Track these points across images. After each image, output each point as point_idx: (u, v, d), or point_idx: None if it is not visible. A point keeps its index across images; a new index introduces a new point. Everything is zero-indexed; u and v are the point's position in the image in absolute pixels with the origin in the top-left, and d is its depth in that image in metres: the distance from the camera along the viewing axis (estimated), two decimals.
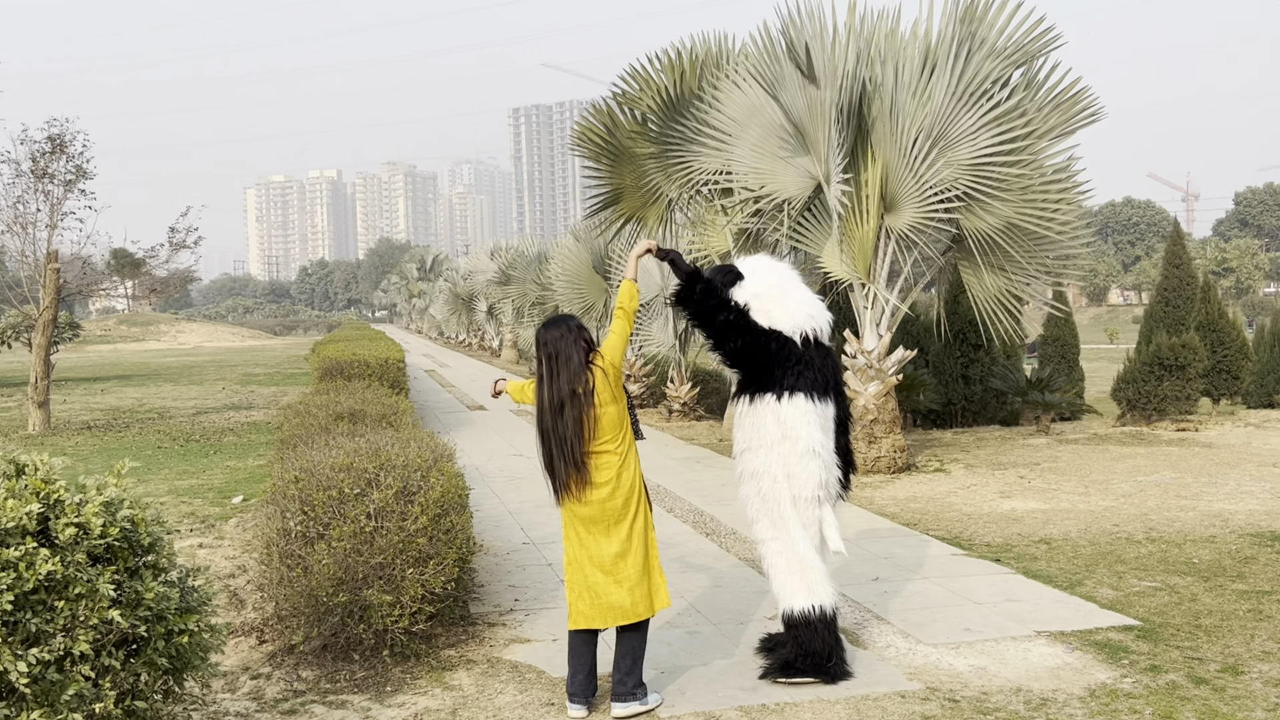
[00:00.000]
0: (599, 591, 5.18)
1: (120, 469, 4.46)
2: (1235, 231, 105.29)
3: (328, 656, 6.01)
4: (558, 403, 5.15)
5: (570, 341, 5.20)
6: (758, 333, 5.66)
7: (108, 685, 3.92)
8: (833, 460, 5.70)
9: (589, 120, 14.91)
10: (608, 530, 5.21)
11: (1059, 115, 10.81)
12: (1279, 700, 5.16)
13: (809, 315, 5.71)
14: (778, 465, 5.54)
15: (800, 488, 5.57)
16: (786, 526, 5.54)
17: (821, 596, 5.52)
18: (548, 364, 5.20)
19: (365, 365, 15.68)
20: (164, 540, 4.46)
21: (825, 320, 5.78)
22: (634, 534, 5.23)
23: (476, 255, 46.24)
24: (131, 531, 4.27)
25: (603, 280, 20.87)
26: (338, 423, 9.69)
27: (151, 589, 4.15)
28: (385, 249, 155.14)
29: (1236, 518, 9.15)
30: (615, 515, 5.21)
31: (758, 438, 5.61)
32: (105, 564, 4.12)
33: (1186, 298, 20.03)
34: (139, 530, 4.29)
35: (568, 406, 5.14)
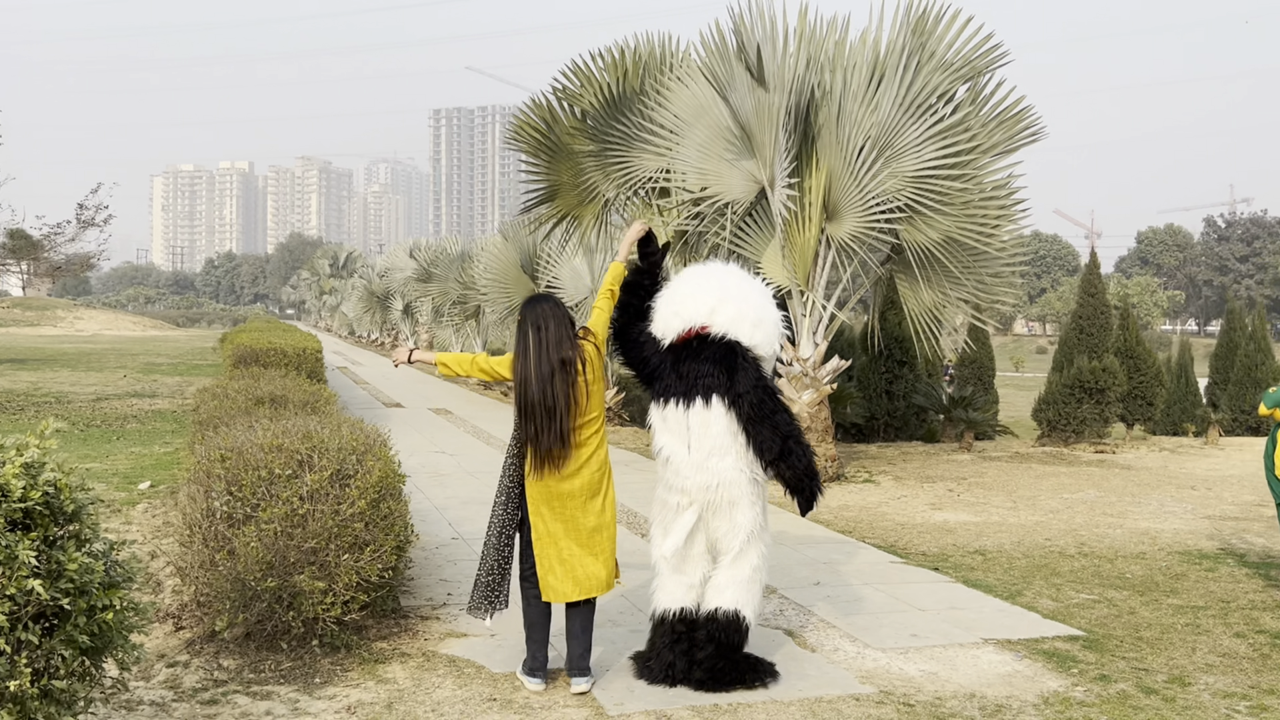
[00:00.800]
0: (574, 564, 5.19)
1: (44, 429, 4.09)
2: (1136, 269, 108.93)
3: (251, 645, 5.66)
4: (547, 372, 5.09)
5: (558, 316, 5.21)
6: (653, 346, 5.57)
7: (23, 661, 3.56)
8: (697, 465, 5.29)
9: (527, 114, 14.62)
10: (585, 505, 5.22)
11: (1003, 132, 10.90)
12: (1229, 711, 5.14)
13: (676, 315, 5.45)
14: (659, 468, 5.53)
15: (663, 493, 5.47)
16: (653, 528, 5.58)
17: (659, 599, 5.43)
18: (535, 335, 5.14)
19: (282, 354, 15.15)
20: (88, 509, 4.10)
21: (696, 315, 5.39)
22: (607, 508, 5.30)
23: (395, 253, 45.42)
24: (54, 497, 3.90)
25: (530, 281, 20.56)
26: (259, 407, 9.27)
27: (75, 560, 3.80)
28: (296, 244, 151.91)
29: (1163, 536, 9.26)
30: (594, 489, 5.25)
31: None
32: (24, 531, 3.77)
33: (1101, 325, 20.50)
34: (62, 496, 3.93)
35: (557, 377, 5.10)
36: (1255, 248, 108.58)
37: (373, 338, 54.76)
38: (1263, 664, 5.86)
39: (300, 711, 4.94)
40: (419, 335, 40.95)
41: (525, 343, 5.17)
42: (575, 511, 5.20)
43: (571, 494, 5.18)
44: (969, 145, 10.77)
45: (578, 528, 5.21)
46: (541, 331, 5.15)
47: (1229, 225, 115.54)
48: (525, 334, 5.19)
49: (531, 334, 5.15)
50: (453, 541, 8.53)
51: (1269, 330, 22.77)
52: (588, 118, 13.96)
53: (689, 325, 5.37)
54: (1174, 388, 20.54)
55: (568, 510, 5.19)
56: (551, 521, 5.20)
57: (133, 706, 4.93)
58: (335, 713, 4.92)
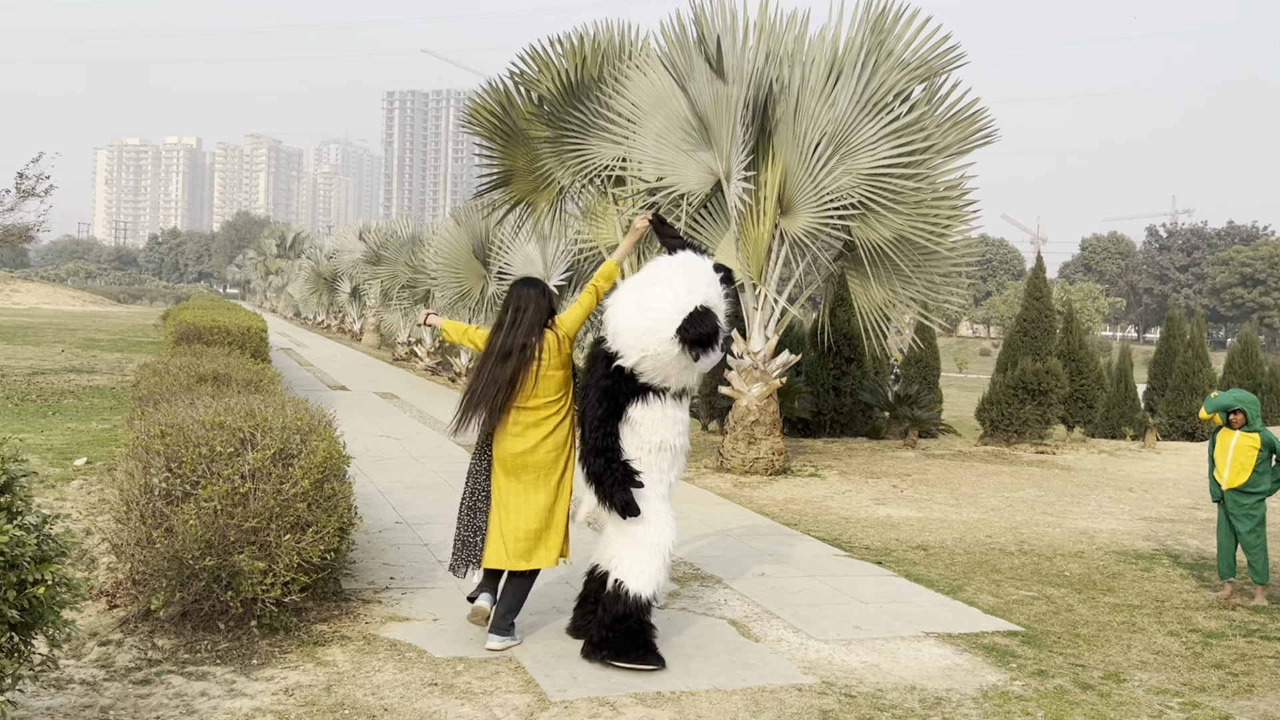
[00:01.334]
0: (518, 536, 5.47)
1: None
2: (1080, 275, 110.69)
3: (187, 625, 5.55)
4: (505, 350, 5.44)
5: (537, 302, 5.53)
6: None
7: None
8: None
9: (484, 98, 14.49)
10: (537, 482, 5.51)
11: (957, 133, 10.99)
12: (1162, 708, 5.22)
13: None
14: None
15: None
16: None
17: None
18: (511, 314, 5.49)
19: (225, 332, 14.91)
20: (21, 482, 3.99)
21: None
22: (561, 487, 5.58)
23: (344, 235, 44.82)
24: None
25: (482, 266, 20.41)
26: (201, 384, 9.11)
27: (5, 532, 3.70)
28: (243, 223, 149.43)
29: (1100, 536, 9.41)
30: (545, 468, 5.53)
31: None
32: None
33: (1045, 329, 20.79)
34: None
35: (513, 357, 5.43)
36: (1195, 258, 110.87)
37: (319, 320, 54.07)
38: (1195, 662, 5.97)
39: (236, 693, 4.85)
40: (366, 319, 40.51)
41: (502, 318, 5.53)
42: (529, 488, 5.50)
43: (526, 467, 5.48)
44: (924, 145, 10.85)
45: (529, 504, 5.48)
46: (519, 313, 5.49)
47: (1170, 235, 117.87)
48: (505, 310, 5.54)
49: (510, 313, 5.50)
50: (396, 526, 8.44)
51: (1206, 339, 23.23)
52: (545, 103, 13.87)
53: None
54: (1114, 392, 20.92)
55: (521, 484, 5.49)
56: (503, 493, 5.51)
57: (62, 685, 4.82)
58: (272, 694, 4.84)
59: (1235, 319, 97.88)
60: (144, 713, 4.59)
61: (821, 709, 4.99)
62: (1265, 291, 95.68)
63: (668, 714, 4.85)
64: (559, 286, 18.22)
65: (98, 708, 4.62)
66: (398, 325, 31.56)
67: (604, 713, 4.82)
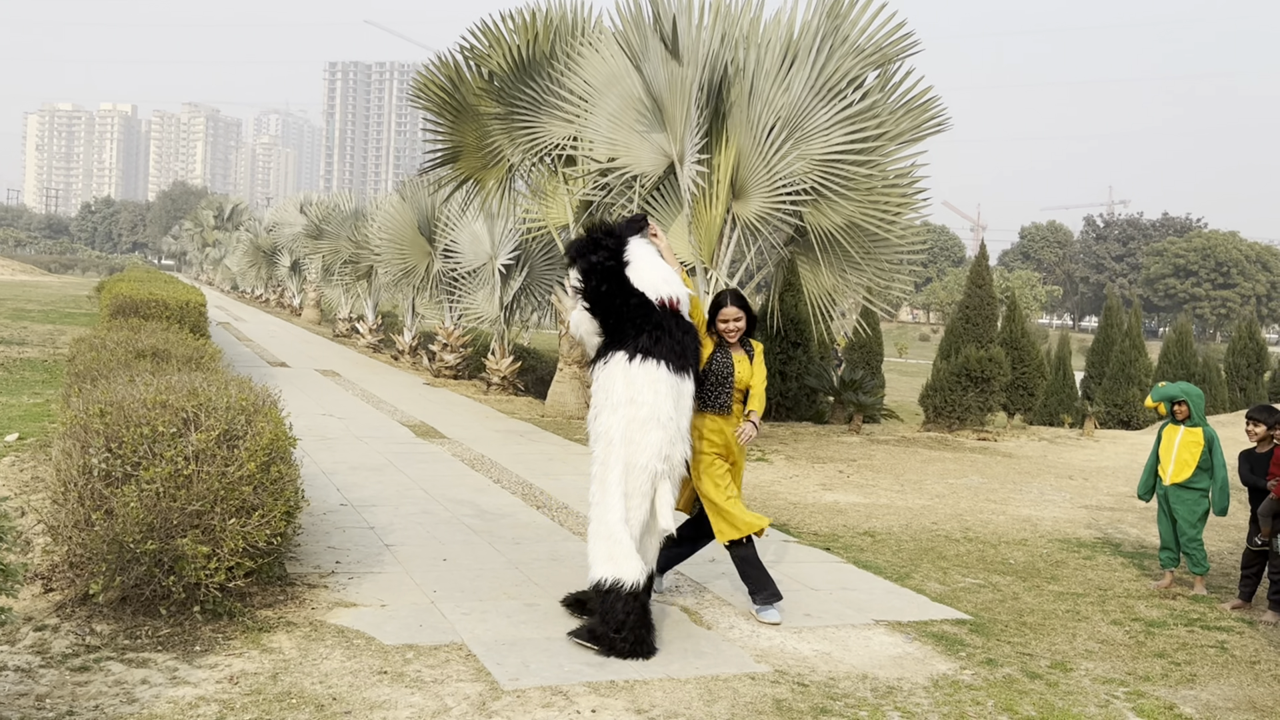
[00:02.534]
0: None
1: None
2: (1018, 263, 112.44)
3: (127, 610, 5.39)
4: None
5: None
6: (627, 287, 5.50)
7: None
8: (681, 436, 5.56)
9: (433, 72, 14.27)
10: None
11: (910, 120, 11.02)
12: (1108, 697, 5.29)
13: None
14: (618, 429, 5.40)
15: (637, 455, 5.42)
16: (607, 493, 5.42)
17: (623, 570, 5.37)
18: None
19: (163, 306, 14.53)
20: None
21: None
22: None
23: (284, 207, 44.00)
24: None
25: (427, 244, 20.14)
26: (139, 360, 8.86)
27: None
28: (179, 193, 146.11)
29: (1044, 523, 9.53)
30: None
31: (606, 399, 5.50)
32: None
33: (986, 316, 21.04)
34: None
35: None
36: (1130, 248, 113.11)
37: (257, 294, 53.14)
38: (1138, 650, 6.06)
39: (179, 680, 4.72)
40: (306, 293, 39.89)
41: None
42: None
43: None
44: (877, 131, 10.87)
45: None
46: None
47: (1107, 225, 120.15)
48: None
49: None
50: (341, 508, 8.29)
51: (1143, 328, 23.69)
52: (495, 79, 13.69)
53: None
54: (1053, 380, 21.25)
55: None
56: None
57: None
58: (216, 682, 4.72)
59: (1168, 309, 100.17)
60: (82, 701, 4.45)
61: (775, 698, 4.98)
62: (1197, 283, 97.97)
63: (621, 703, 4.80)
64: (506, 266, 18.04)
65: (33, 696, 4.47)
66: (339, 301, 31.11)
67: (557, 701, 4.76)
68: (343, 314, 30.75)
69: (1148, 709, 5.15)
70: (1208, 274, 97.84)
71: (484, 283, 18.39)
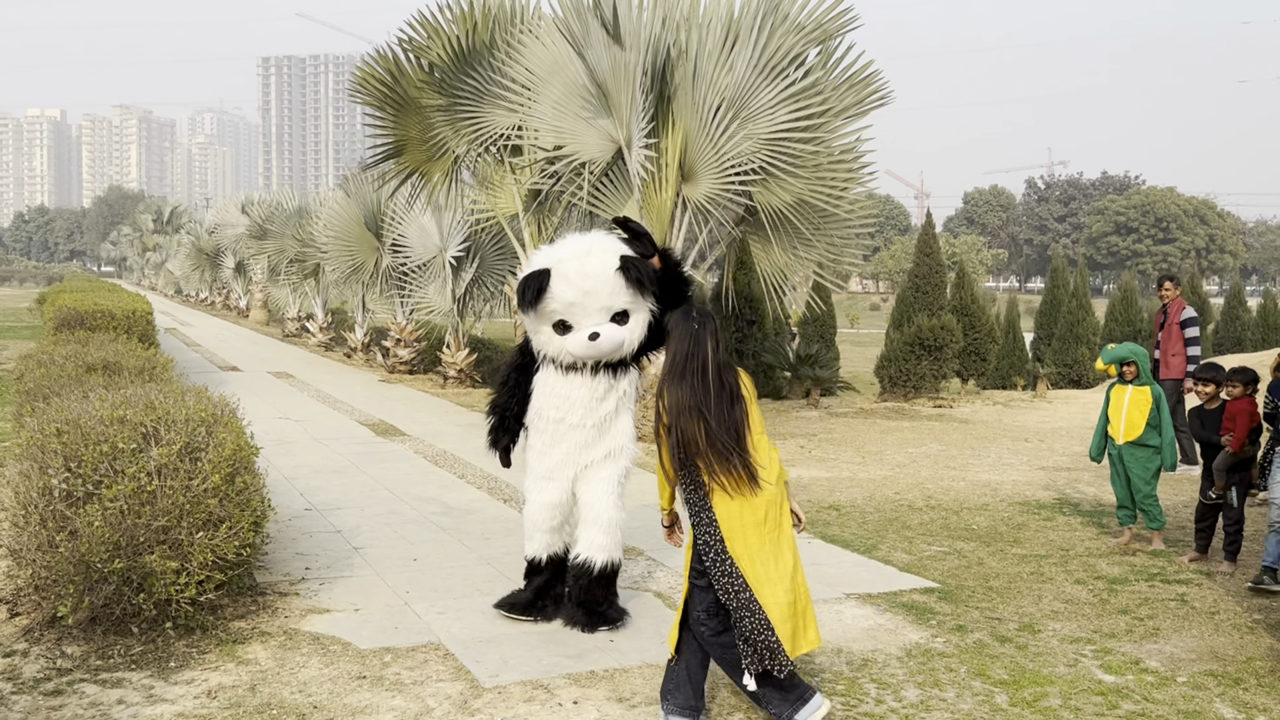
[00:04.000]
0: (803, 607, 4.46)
1: None
2: (963, 229, 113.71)
3: (97, 630, 5.33)
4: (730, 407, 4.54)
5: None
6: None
7: None
8: None
9: (372, 66, 14.11)
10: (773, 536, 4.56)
11: (853, 95, 11.09)
12: (1077, 656, 5.41)
13: None
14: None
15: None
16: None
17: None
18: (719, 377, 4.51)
19: (110, 316, 14.31)
20: None
21: None
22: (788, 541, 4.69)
23: (225, 208, 43.35)
24: None
25: (375, 239, 19.96)
26: (90, 375, 8.74)
27: None
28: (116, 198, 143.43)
29: (1003, 488, 9.70)
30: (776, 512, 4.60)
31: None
32: None
33: (936, 285, 21.29)
34: None
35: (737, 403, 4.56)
36: (1072, 208, 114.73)
37: (202, 297, 52.37)
38: (1102, 609, 6.20)
39: (156, 698, 4.68)
40: (253, 294, 39.38)
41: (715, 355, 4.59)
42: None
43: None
44: (821, 109, 10.93)
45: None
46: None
47: (1048, 187, 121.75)
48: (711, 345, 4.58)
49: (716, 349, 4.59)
50: (306, 513, 8.24)
51: (1089, 287, 24.11)
52: (436, 71, 13.57)
53: None
54: (1004, 344, 21.55)
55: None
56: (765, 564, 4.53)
57: None
58: (195, 698, 4.69)
59: (1111, 266, 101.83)
60: None
61: None
62: (1138, 239, 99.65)
63: (602, 692, 4.84)
64: (456, 258, 17.94)
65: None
66: (287, 301, 30.74)
67: (538, 695, 4.79)
68: (291, 314, 30.39)
69: (1114, 665, 5.28)
70: (1148, 230, 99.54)
71: (435, 276, 18.28)
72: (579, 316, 5.45)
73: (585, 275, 5.40)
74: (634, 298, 5.47)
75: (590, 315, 5.45)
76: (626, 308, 5.48)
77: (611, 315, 5.48)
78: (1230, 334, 25.70)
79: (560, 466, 5.67)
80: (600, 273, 5.40)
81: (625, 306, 5.47)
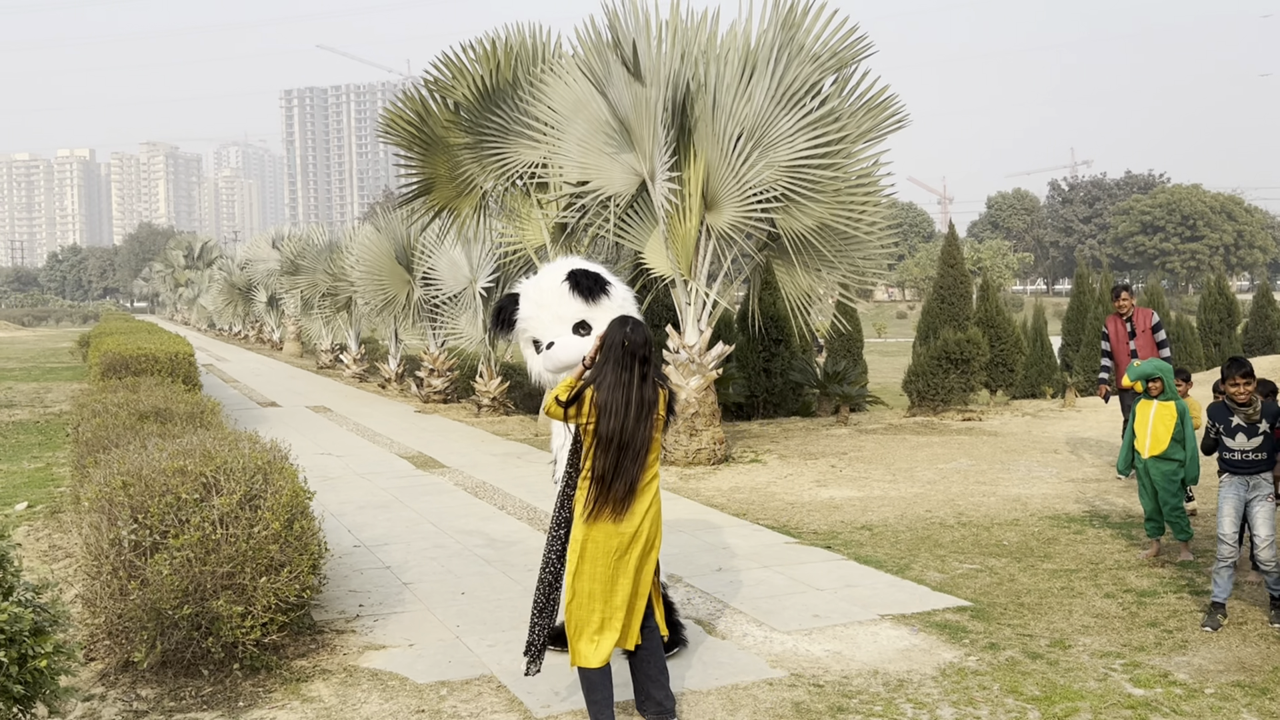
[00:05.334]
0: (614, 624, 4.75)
1: None
2: (988, 233, 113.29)
3: (169, 673, 5.63)
4: (645, 414, 4.71)
5: (651, 350, 4.85)
6: None
7: None
8: None
9: (399, 108, 14.50)
10: (627, 565, 4.75)
11: (870, 120, 11.32)
12: (1107, 670, 5.59)
13: None
14: None
15: None
16: None
17: None
18: (639, 369, 4.73)
19: (154, 360, 14.71)
20: (10, 556, 4.06)
21: None
22: (645, 570, 4.82)
23: (256, 243, 44.08)
24: None
25: (405, 272, 20.35)
26: (144, 422, 9.07)
27: (4, 610, 3.78)
28: (146, 235, 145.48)
29: (1033, 501, 9.86)
30: (645, 546, 4.78)
31: None
32: None
33: (961, 295, 21.43)
34: None
35: (648, 414, 4.73)
36: (1096, 209, 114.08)
37: (235, 330, 53.13)
38: (1132, 622, 6.37)
39: None
40: (286, 327, 39.96)
41: (628, 371, 4.74)
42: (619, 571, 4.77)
43: (623, 549, 4.76)
44: (839, 135, 11.17)
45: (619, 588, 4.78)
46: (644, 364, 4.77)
47: (1072, 188, 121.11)
48: (623, 358, 4.74)
49: (634, 364, 4.74)
50: (355, 550, 8.52)
51: None
52: (461, 110, 13.94)
53: None
54: (1031, 352, 21.60)
55: (610, 569, 4.75)
56: (594, 580, 4.75)
57: None
58: None
59: (1139, 266, 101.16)
60: None
61: (794, 701, 5.26)
62: (1165, 238, 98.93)
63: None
64: (486, 288, 18.28)
65: None
66: (320, 333, 31.21)
67: None
68: (325, 346, 30.87)
69: (1144, 679, 5.46)
70: (1175, 228, 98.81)
71: (466, 306, 18.61)
72: (540, 330, 5.78)
73: (539, 289, 5.82)
74: (586, 307, 5.70)
75: (548, 327, 5.74)
76: (582, 317, 5.70)
77: (573, 327, 5.71)
78: (1260, 333, 25.59)
79: None
80: (550, 285, 5.79)
81: (580, 316, 5.70)
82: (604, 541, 4.72)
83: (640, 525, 4.76)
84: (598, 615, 4.74)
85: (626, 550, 4.74)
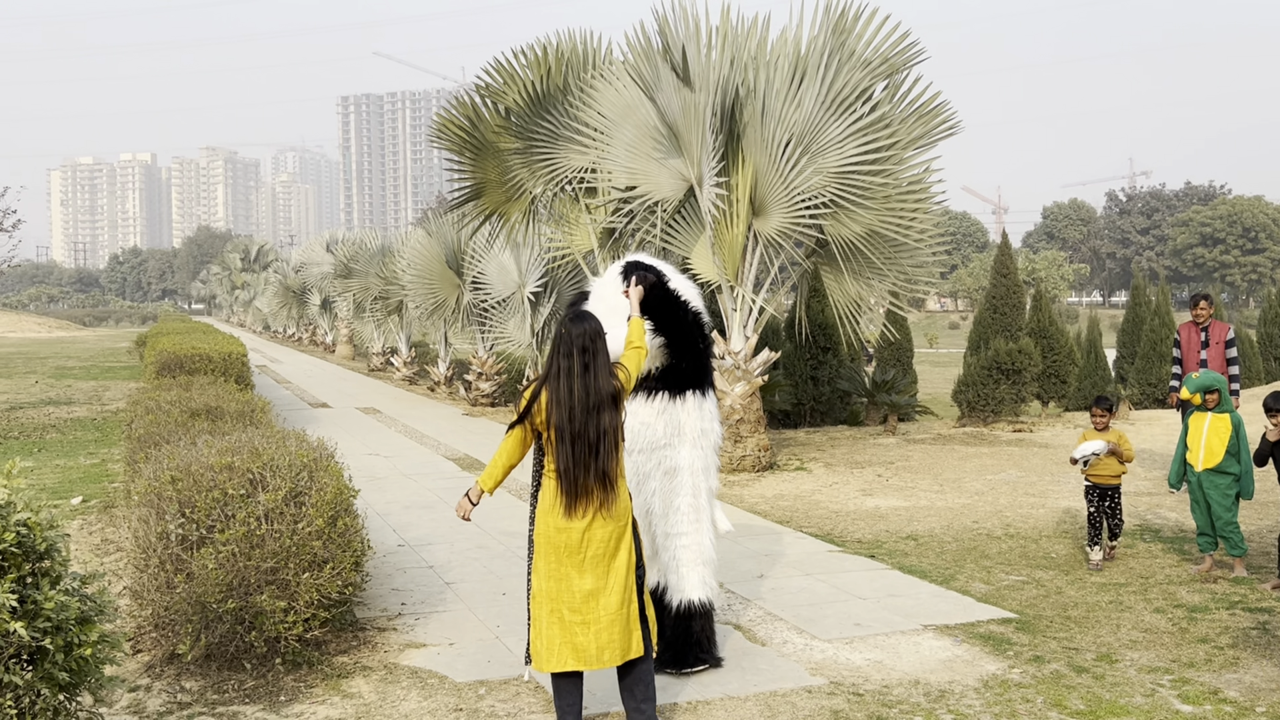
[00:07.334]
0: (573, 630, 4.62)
1: (11, 469, 4.13)
2: (1043, 244, 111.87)
3: (212, 666, 5.70)
4: (594, 404, 4.59)
5: (603, 342, 4.72)
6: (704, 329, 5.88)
7: (9, 702, 3.60)
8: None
9: (451, 113, 14.62)
10: (581, 565, 4.62)
11: (921, 126, 11.23)
12: (1154, 686, 5.48)
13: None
14: (699, 459, 5.64)
15: (713, 480, 5.73)
16: (702, 520, 5.64)
17: (713, 591, 5.70)
18: (580, 358, 4.61)
19: (207, 359, 14.96)
20: (59, 546, 4.13)
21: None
22: (615, 571, 4.67)
23: (311, 246, 44.68)
24: (26, 537, 3.95)
25: (455, 276, 20.51)
26: (195, 420, 9.22)
27: (51, 599, 3.85)
28: (204, 238, 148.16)
29: (1083, 514, 9.68)
30: (600, 547, 4.63)
31: (679, 433, 5.65)
32: (0, 574, 3.80)
33: (1014, 305, 21.14)
34: (34, 535, 3.98)
35: (605, 410, 4.61)
36: (1155, 220, 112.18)
37: (289, 333, 53.87)
38: (1181, 638, 6.24)
39: None
40: (338, 330, 40.44)
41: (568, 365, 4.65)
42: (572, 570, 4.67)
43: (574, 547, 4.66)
44: (889, 141, 11.09)
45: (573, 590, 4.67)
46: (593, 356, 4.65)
47: (1130, 199, 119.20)
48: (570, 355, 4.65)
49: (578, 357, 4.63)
50: (399, 549, 8.59)
51: (1171, 302, 23.70)
52: (512, 115, 14.01)
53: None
54: (1085, 364, 21.27)
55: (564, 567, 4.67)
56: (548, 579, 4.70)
57: None
58: None
59: (1198, 279, 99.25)
60: None
61: (832, 710, 5.21)
62: (1225, 250, 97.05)
63: None
64: (535, 293, 18.36)
65: None
66: (372, 336, 31.57)
67: None
68: (376, 349, 31.22)
69: (1192, 695, 5.35)
70: (1235, 240, 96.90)
71: (514, 311, 18.72)
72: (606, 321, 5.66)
73: (601, 283, 5.83)
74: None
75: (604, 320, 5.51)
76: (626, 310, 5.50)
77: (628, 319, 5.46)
78: None
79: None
80: (608, 279, 5.79)
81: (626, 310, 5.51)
82: (554, 536, 4.63)
83: (594, 522, 4.62)
84: (551, 612, 4.65)
85: (580, 547, 4.61)
